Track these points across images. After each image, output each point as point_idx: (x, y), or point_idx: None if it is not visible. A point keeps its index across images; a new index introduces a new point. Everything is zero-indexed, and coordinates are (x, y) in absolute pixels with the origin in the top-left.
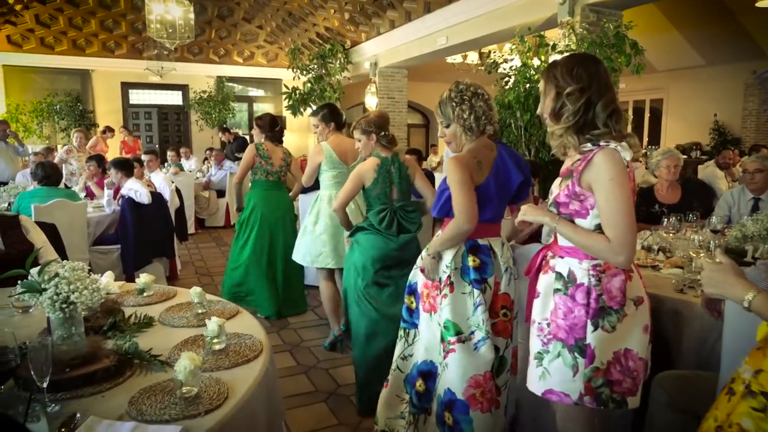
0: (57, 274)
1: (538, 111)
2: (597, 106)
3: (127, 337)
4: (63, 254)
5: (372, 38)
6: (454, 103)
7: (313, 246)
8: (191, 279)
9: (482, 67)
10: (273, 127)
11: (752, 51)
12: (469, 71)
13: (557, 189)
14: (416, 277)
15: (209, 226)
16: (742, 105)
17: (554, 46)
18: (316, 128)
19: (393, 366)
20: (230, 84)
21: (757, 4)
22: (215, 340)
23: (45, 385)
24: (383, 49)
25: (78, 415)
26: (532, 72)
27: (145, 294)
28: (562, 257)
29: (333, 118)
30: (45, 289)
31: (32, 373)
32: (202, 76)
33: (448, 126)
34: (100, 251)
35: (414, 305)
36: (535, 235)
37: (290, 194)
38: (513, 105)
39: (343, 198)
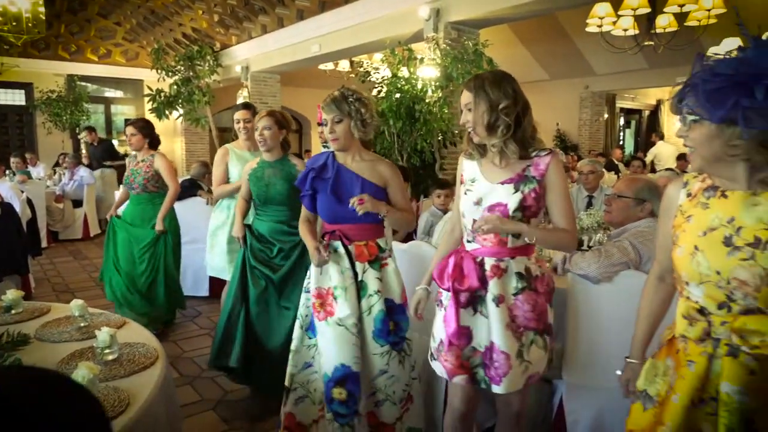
0: None
1: (462, 121)
2: (525, 119)
3: (4, 356)
4: None
5: (243, 42)
6: (351, 99)
7: (230, 257)
8: (49, 297)
9: (353, 75)
10: None
11: (584, 68)
12: (341, 78)
13: (513, 195)
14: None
15: (64, 239)
16: (578, 115)
17: (422, 59)
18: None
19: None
20: (83, 83)
21: (587, 29)
22: (107, 350)
23: None
24: (255, 53)
25: None
26: (403, 83)
27: (13, 312)
28: (513, 257)
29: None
30: None
31: None
32: (49, 73)
33: (339, 121)
34: None
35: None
36: None
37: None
38: (386, 113)
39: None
